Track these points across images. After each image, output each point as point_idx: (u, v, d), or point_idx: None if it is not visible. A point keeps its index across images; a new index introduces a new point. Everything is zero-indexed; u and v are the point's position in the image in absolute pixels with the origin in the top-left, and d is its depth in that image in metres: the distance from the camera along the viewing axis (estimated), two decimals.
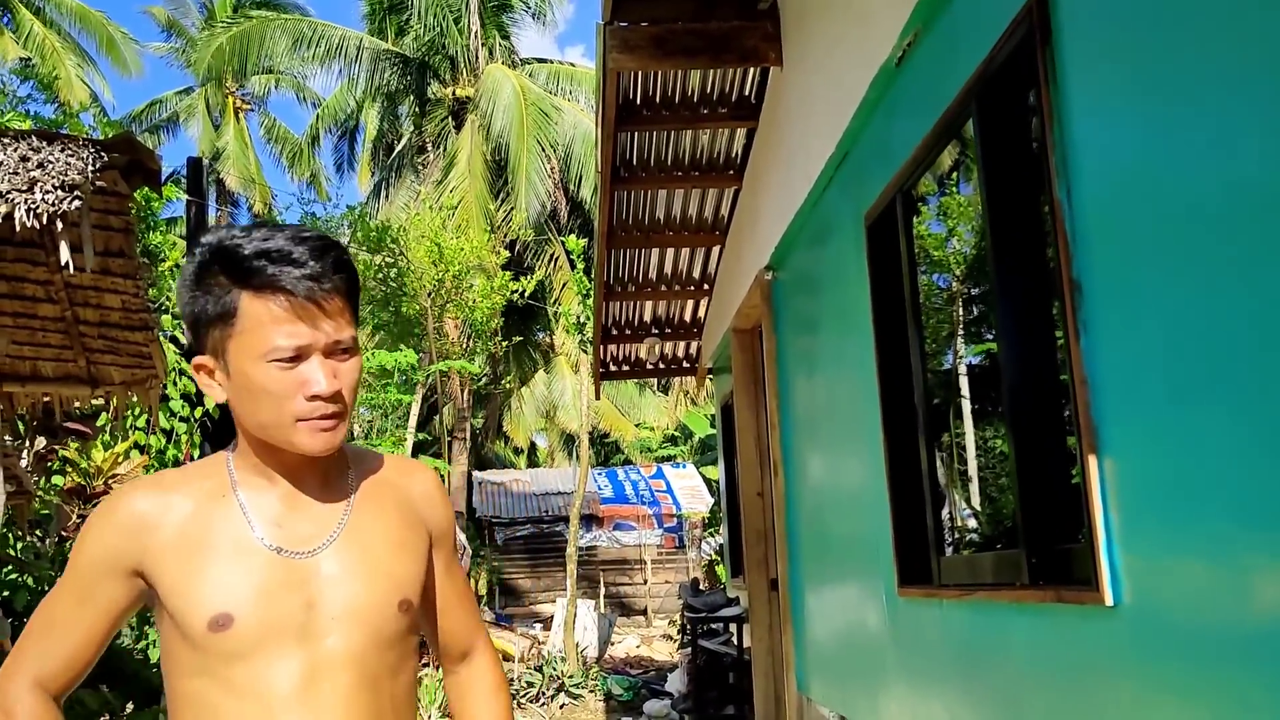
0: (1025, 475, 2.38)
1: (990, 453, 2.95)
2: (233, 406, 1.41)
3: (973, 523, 3.19)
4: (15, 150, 3.75)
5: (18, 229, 3.43)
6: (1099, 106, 1.99)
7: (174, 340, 8.71)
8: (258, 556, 1.38)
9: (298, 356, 1.34)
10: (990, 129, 2.51)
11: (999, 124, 2.50)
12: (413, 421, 13.61)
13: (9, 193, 3.41)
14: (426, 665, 8.58)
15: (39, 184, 3.49)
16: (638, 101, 5.25)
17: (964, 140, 2.77)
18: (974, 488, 3.11)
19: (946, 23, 2.74)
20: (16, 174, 3.55)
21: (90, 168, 3.69)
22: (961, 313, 3.16)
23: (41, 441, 6.51)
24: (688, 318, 8.20)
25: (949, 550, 3.11)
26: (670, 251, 7.10)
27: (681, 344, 8.69)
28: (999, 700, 2.55)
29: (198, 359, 1.41)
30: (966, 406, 3.13)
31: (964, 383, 3.15)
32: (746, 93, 5.27)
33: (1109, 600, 1.96)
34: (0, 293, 4.53)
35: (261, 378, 1.34)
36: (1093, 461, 2.00)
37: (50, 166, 3.62)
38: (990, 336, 2.84)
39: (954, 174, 3.03)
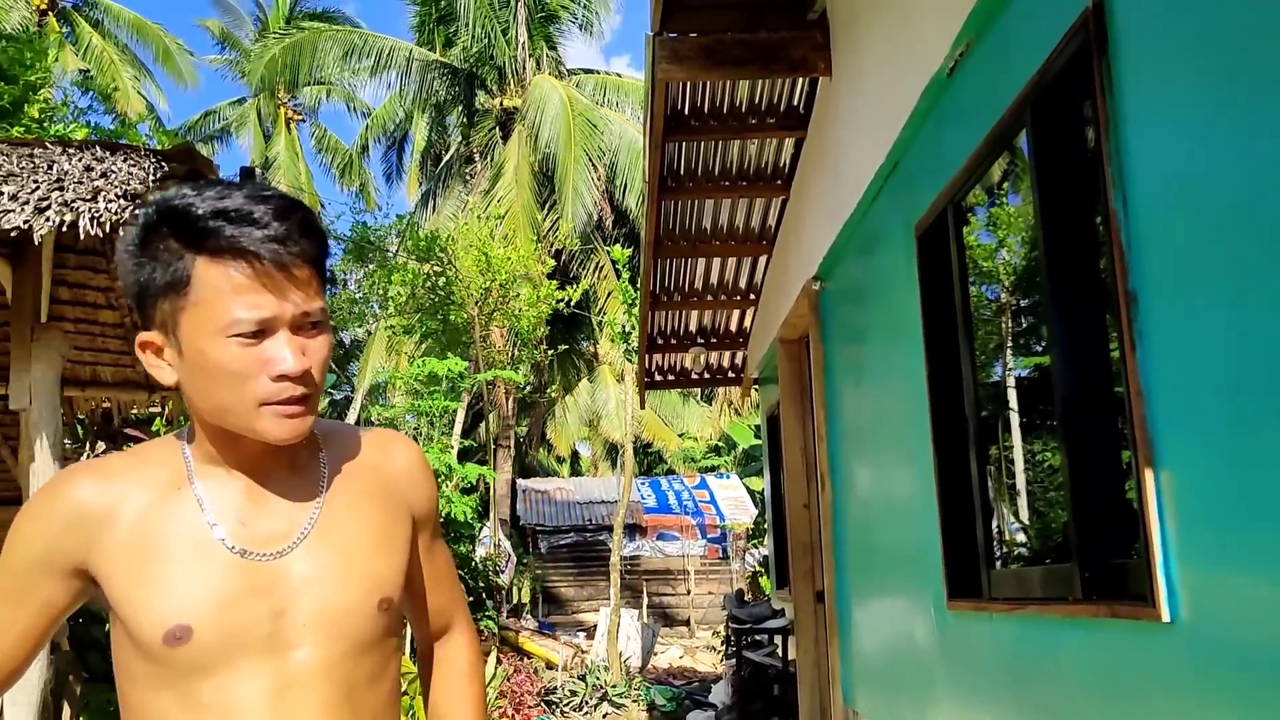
0: (1078, 488, 2.36)
1: (1039, 466, 2.92)
2: (185, 389, 1.24)
3: (1022, 536, 3.15)
4: (80, 160, 3.85)
5: (81, 237, 3.52)
6: (1156, 116, 1.97)
7: None
8: (219, 560, 1.22)
9: (261, 331, 1.17)
10: (1044, 139, 2.49)
11: (1053, 134, 2.48)
12: (457, 429, 13.72)
13: (74, 201, 3.50)
14: None
15: (102, 193, 3.58)
16: (685, 111, 5.27)
17: (1016, 150, 2.75)
18: (1023, 501, 3.08)
19: (999, 33, 2.73)
20: (81, 183, 3.64)
21: (151, 177, 3.78)
22: (1011, 324, 3.13)
23: (101, 446, 6.66)
24: (733, 328, 8.19)
25: (999, 564, 3.08)
26: (716, 261, 7.10)
27: (727, 354, 8.68)
28: (1051, 717, 2.52)
29: (143, 335, 1.24)
30: (1015, 419, 3.10)
31: (1014, 395, 3.12)
32: (795, 102, 5.27)
33: (1165, 616, 1.93)
34: (63, 299, 4.64)
35: (219, 355, 1.17)
36: (1149, 474, 1.97)
37: (113, 176, 3.72)
38: (1040, 348, 2.81)
39: (1005, 184, 3.01)
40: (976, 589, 3.09)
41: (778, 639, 8.23)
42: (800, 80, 5.08)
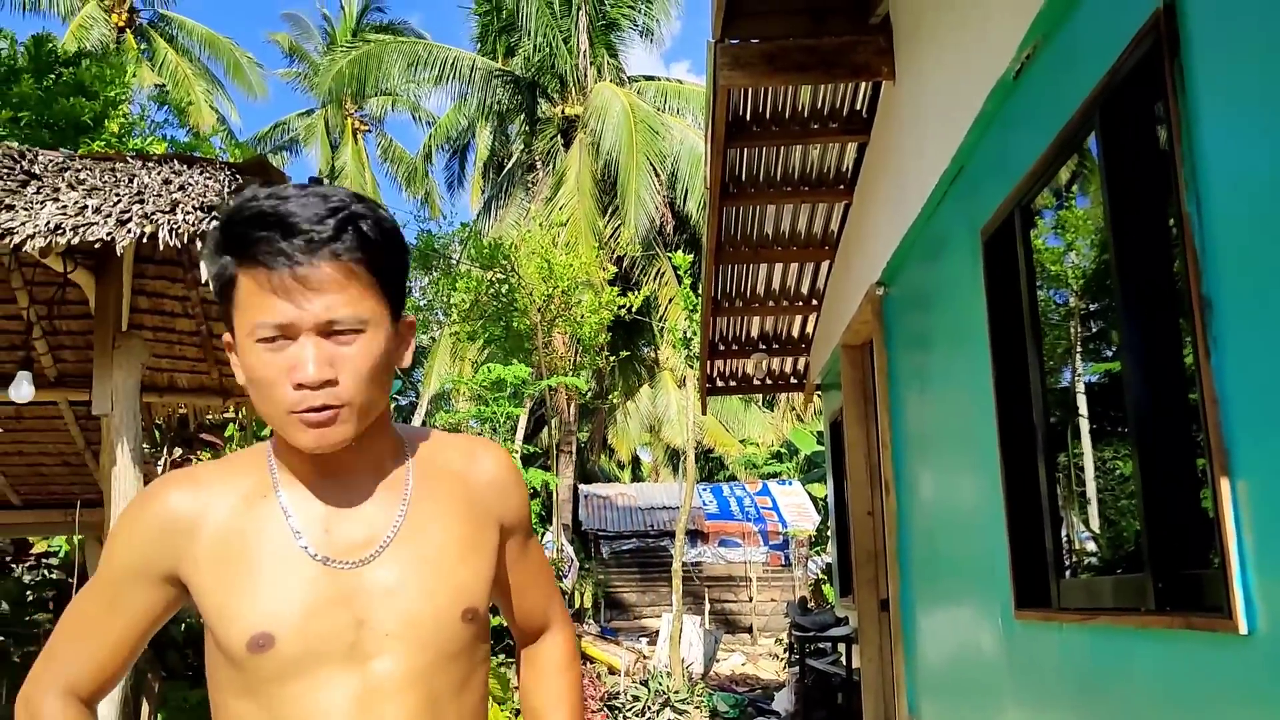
0: (1151, 497, 2.31)
1: (1110, 474, 2.87)
2: None
3: (1092, 545, 3.10)
4: (158, 173, 3.98)
5: (160, 248, 3.63)
6: (1231, 117, 1.93)
7: None
8: (301, 568, 1.22)
9: (285, 336, 1.17)
10: (1114, 141, 2.46)
11: (1123, 136, 2.44)
12: (520, 434, 13.84)
13: (153, 213, 3.61)
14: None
15: (180, 205, 3.69)
16: (747, 117, 5.27)
17: (1085, 153, 2.71)
18: (1093, 510, 3.03)
19: (1068, 34, 2.69)
20: (160, 196, 3.76)
21: (226, 189, 3.89)
22: (1080, 329, 3.08)
23: (178, 450, 6.84)
24: (795, 333, 8.15)
25: (1068, 573, 3.03)
26: (778, 266, 7.08)
27: (789, 360, 8.64)
28: None
29: (225, 336, 1.26)
30: (1085, 426, 3.05)
31: (1083, 401, 3.08)
32: (858, 107, 5.24)
33: (1243, 628, 1.89)
34: (142, 308, 4.79)
35: (250, 360, 1.18)
36: (1225, 483, 1.94)
37: (190, 189, 3.83)
38: (1111, 354, 2.76)
39: (1073, 187, 2.97)
40: (1045, 598, 3.05)
41: (841, 647, 8.16)
42: (863, 85, 5.05)
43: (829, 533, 9.46)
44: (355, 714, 1.20)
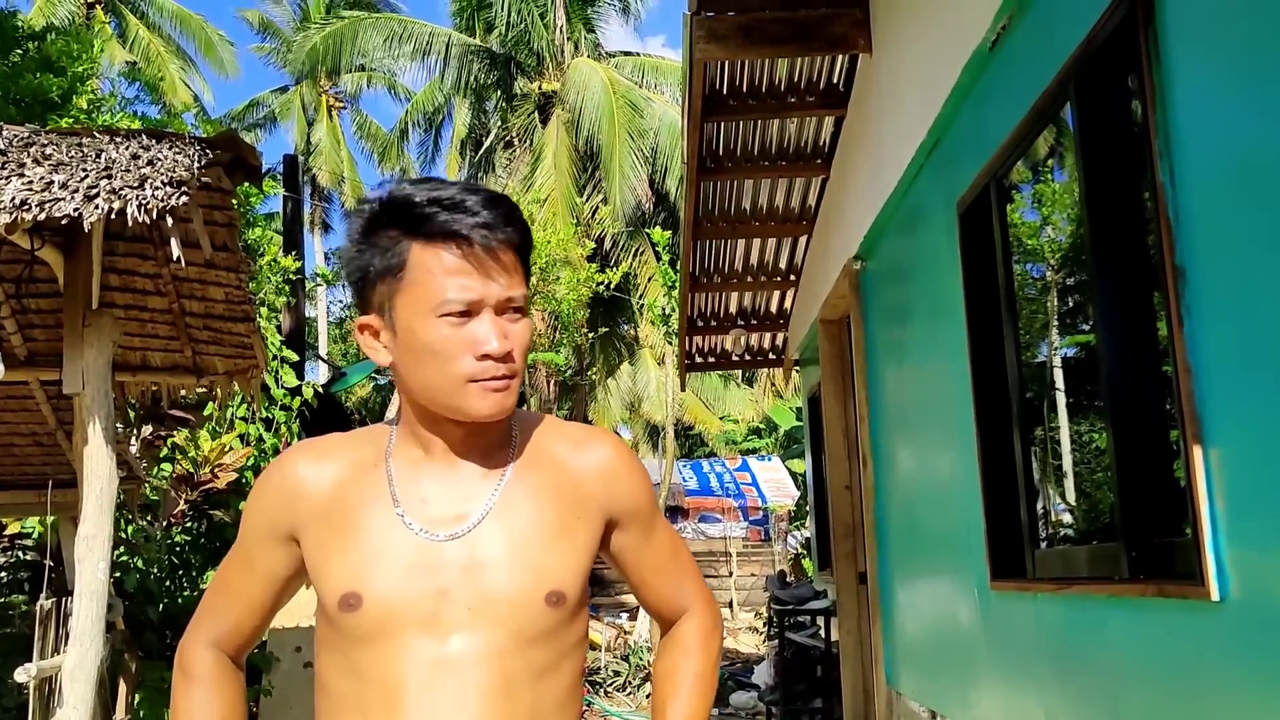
0: (1125, 467, 2.33)
1: (1084, 446, 2.88)
2: (396, 369, 1.31)
3: (1067, 517, 3.12)
4: (127, 148, 3.91)
5: (130, 224, 3.57)
6: (1205, 86, 1.93)
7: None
8: (395, 535, 1.27)
9: (468, 312, 1.24)
10: (1089, 112, 2.45)
11: (1098, 107, 2.44)
12: None
13: (122, 189, 3.55)
14: None
15: (149, 180, 3.63)
16: (724, 92, 5.24)
17: (1060, 125, 2.71)
18: (1069, 481, 3.05)
19: (1043, 5, 2.68)
20: (128, 171, 3.70)
21: (196, 164, 3.82)
22: (1056, 302, 3.09)
23: (149, 429, 6.77)
24: (774, 309, 8.15)
25: (1043, 544, 3.05)
26: (756, 242, 7.07)
27: (767, 335, 8.65)
28: (1097, 695, 2.50)
29: (361, 319, 1.32)
30: (1061, 399, 3.06)
31: (1058, 375, 3.09)
32: (834, 80, 5.22)
33: (1215, 595, 1.90)
34: (113, 286, 4.72)
35: (429, 334, 1.24)
36: (1197, 451, 1.95)
37: (159, 164, 3.77)
38: (1086, 326, 2.77)
39: (1048, 160, 2.96)
40: (1020, 569, 3.07)
41: (820, 620, 8.21)
42: (840, 57, 5.03)
43: (808, 507, 9.50)
44: (429, 683, 1.23)
